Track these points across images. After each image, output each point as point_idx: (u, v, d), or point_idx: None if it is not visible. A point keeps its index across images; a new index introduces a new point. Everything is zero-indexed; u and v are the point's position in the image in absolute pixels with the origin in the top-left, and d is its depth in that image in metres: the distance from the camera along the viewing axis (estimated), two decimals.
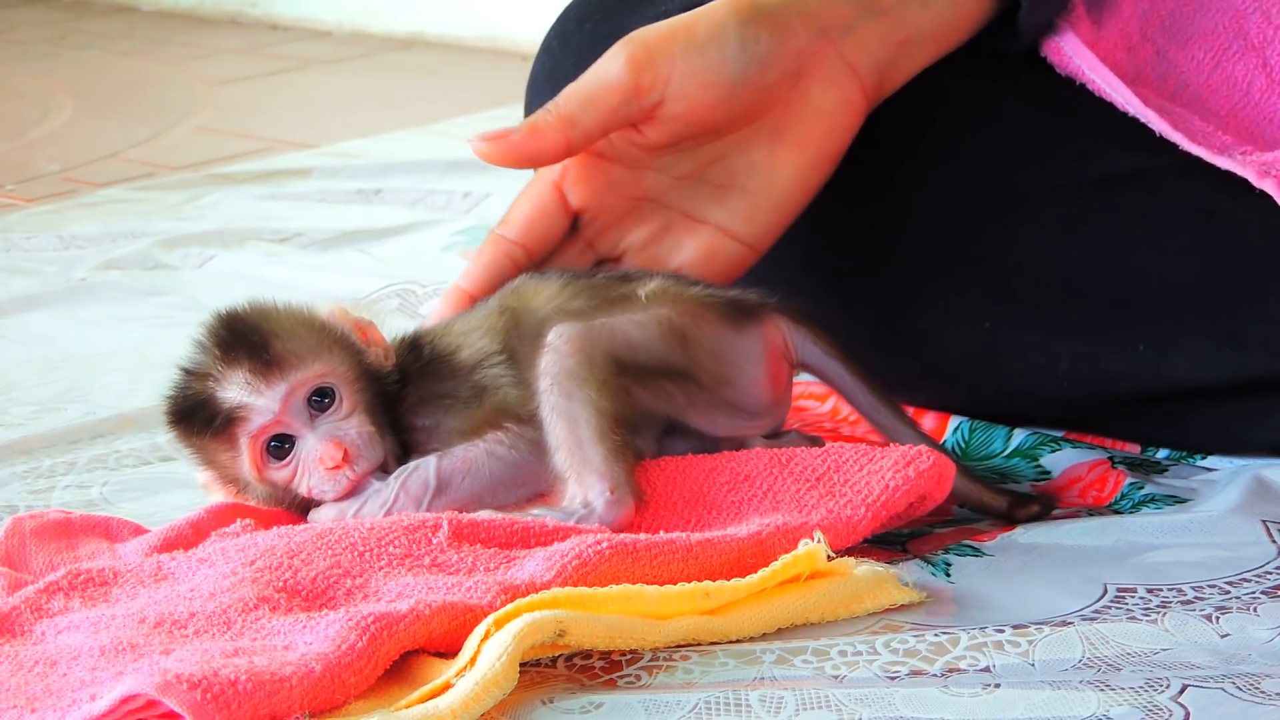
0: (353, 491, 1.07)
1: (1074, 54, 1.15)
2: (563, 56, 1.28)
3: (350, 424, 1.08)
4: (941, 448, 1.10)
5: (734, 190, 1.14)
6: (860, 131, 1.14)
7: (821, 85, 1.12)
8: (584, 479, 1.04)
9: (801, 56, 1.12)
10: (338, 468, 1.07)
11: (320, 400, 1.07)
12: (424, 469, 1.07)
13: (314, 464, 1.07)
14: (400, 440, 1.10)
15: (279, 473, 1.08)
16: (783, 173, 1.13)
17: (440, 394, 1.10)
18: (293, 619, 0.94)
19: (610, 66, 1.10)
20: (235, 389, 1.06)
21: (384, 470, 1.08)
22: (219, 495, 1.11)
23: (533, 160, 1.12)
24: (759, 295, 1.12)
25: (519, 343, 1.10)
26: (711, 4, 1.12)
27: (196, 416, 1.07)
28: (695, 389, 1.08)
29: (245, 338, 1.06)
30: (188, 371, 1.07)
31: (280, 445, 1.07)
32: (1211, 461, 1.17)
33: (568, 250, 1.16)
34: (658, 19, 1.23)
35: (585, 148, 1.12)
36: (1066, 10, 1.16)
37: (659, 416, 1.09)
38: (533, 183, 1.16)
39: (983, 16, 1.15)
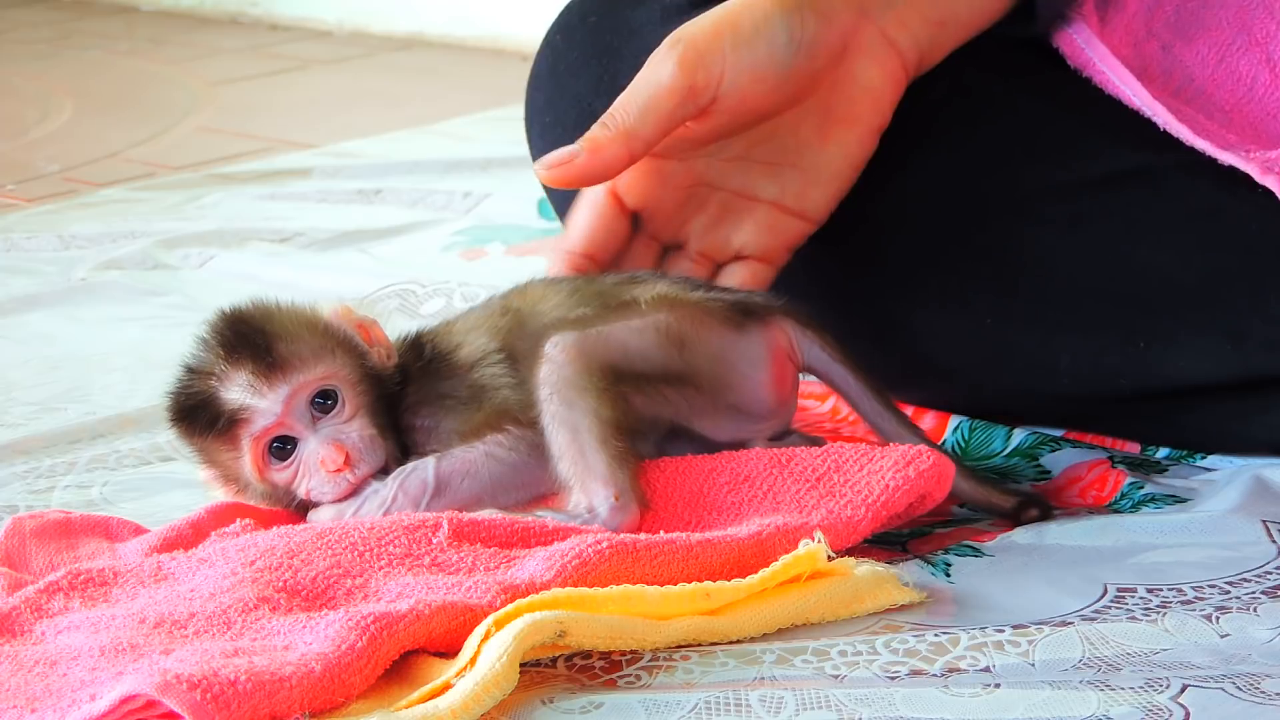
0: (352, 493, 1.07)
1: (1086, 45, 1.15)
2: (566, 51, 1.28)
3: (352, 427, 1.08)
4: (943, 449, 1.10)
5: (785, 167, 1.14)
6: None
7: (865, 62, 1.13)
8: (588, 486, 1.03)
9: (846, 38, 1.12)
10: (339, 470, 1.07)
11: (323, 403, 1.07)
12: (422, 470, 1.07)
13: (315, 466, 1.07)
14: (399, 441, 1.10)
15: (280, 474, 1.08)
16: (833, 149, 1.14)
17: (440, 394, 1.10)
18: (293, 619, 0.94)
19: (661, 71, 1.10)
20: (238, 390, 1.06)
21: (384, 471, 1.08)
22: (220, 492, 1.11)
23: (600, 178, 1.12)
24: (764, 298, 1.12)
25: (521, 345, 1.10)
26: None
27: (199, 416, 1.07)
28: (696, 393, 1.08)
29: (249, 339, 1.06)
30: (191, 370, 1.07)
31: (282, 446, 1.07)
32: (1211, 461, 1.17)
33: (635, 248, 1.16)
34: (662, 12, 1.23)
35: (645, 155, 1.12)
36: (1079, 1, 1.16)
37: (661, 422, 1.09)
38: (587, 193, 1.16)
39: (1010, 2, 1.15)
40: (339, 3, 2.85)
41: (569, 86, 1.26)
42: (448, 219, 1.79)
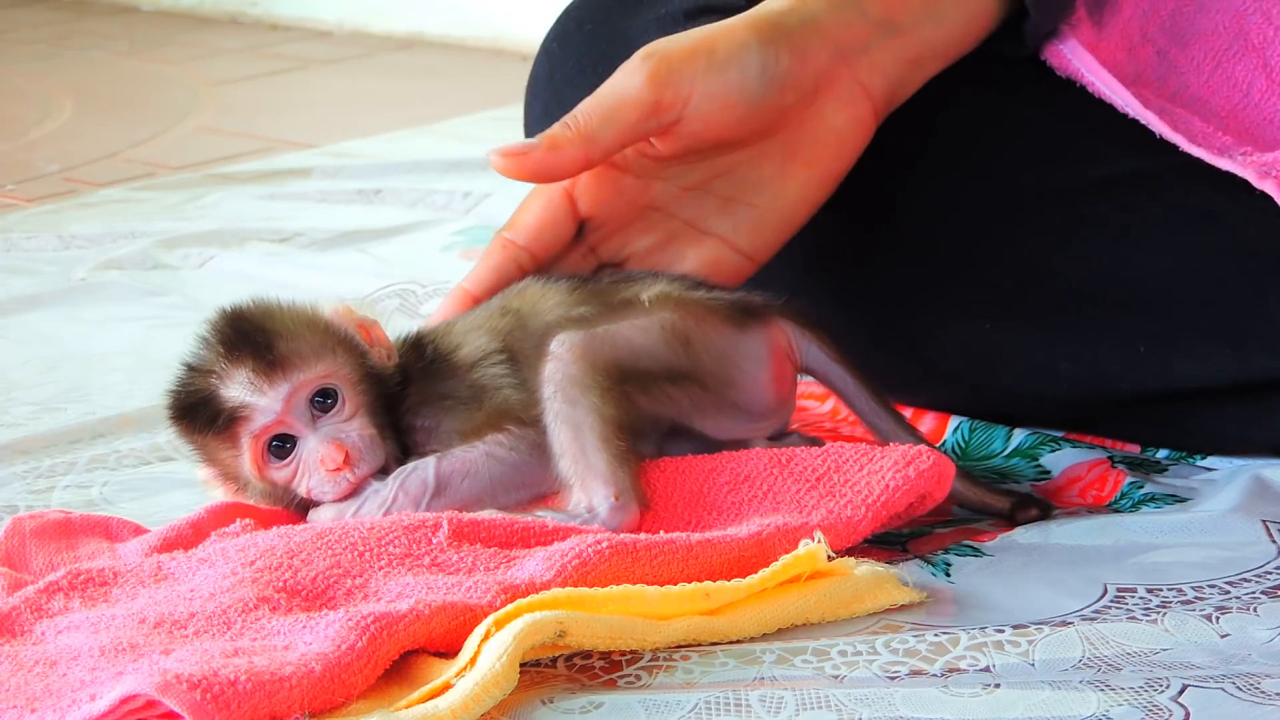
0: (352, 493, 1.07)
1: (1073, 56, 1.15)
2: (562, 58, 1.28)
3: (352, 426, 1.08)
4: (942, 450, 1.10)
5: (740, 204, 1.14)
6: None
7: (834, 105, 1.12)
8: (588, 485, 1.04)
9: (819, 78, 1.12)
10: (338, 470, 1.07)
11: (323, 401, 1.07)
12: (423, 469, 1.07)
13: (315, 465, 1.07)
14: (400, 441, 1.10)
15: (279, 473, 1.08)
16: (790, 189, 1.13)
17: (440, 394, 1.10)
18: (293, 619, 0.94)
19: (631, 82, 1.10)
20: (238, 388, 1.06)
21: (384, 472, 1.08)
22: (219, 491, 1.11)
23: (552, 176, 1.12)
24: (764, 298, 1.12)
25: (522, 345, 1.10)
26: (731, 21, 1.11)
27: (199, 414, 1.07)
28: (700, 392, 1.08)
29: (249, 337, 1.07)
30: (191, 368, 1.07)
31: (282, 445, 1.07)
32: (1211, 461, 1.17)
33: (571, 255, 1.16)
34: (658, 21, 1.23)
35: (603, 162, 1.12)
36: (1069, 17, 1.16)
37: (663, 421, 1.09)
38: (542, 187, 1.16)
39: (990, 27, 1.15)
40: (339, 3, 2.85)
41: (566, 94, 1.26)
42: (448, 219, 1.79)
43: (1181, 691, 0.90)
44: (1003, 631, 0.96)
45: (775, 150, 1.13)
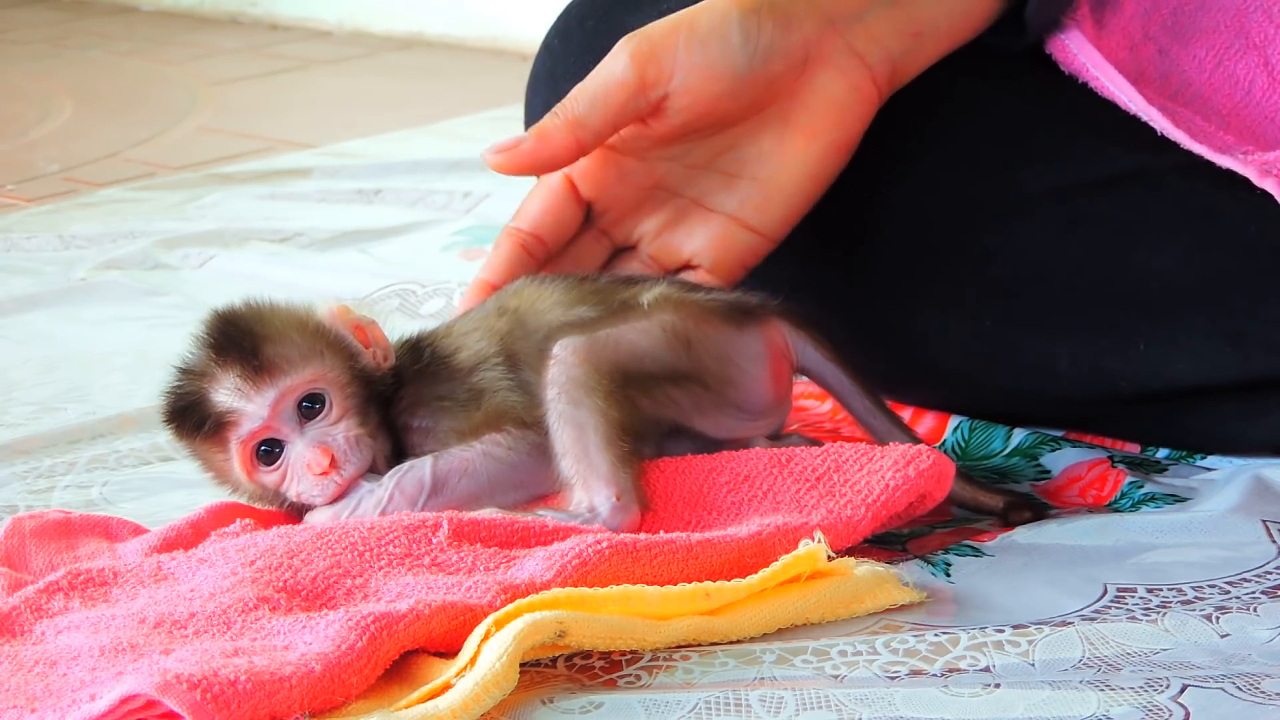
0: (342, 495, 1.07)
1: (1079, 51, 1.15)
2: (564, 54, 1.28)
3: (339, 429, 1.07)
4: (941, 449, 1.10)
5: (744, 179, 1.14)
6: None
7: (829, 74, 1.12)
8: (590, 485, 1.04)
9: (808, 46, 1.12)
10: (325, 473, 1.06)
11: (310, 406, 1.07)
12: (419, 469, 1.07)
13: (301, 470, 1.07)
14: (396, 441, 1.09)
15: (268, 476, 1.08)
16: (792, 162, 1.13)
17: (437, 395, 1.10)
18: (293, 619, 0.94)
19: (614, 64, 1.11)
20: (226, 393, 1.06)
21: (374, 471, 1.08)
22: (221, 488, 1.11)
23: (546, 166, 1.13)
24: (760, 298, 1.12)
25: (520, 346, 1.10)
26: None
27: (189, 417, 1.07)
28: (701, 392, 1.09)
29: (237, 341, 1.06)
30: (183, 371, 1.07)
31: (270, 450, 1.07)
32: (1211, 461, 1.17)
33: (583, 240, 1.17)
34: (660, 17, 1.23)
35: (595, 147, 1.12)
36: (1072, 7, 1.16)
37: (663, 422, 1.09)
38: (546, 177, 1.16)
39: (994, 11, 1.15)
40: (339, 3, 2.85)
41: (567, 90, 1.26)
42: (448, 219, 1.80)
43: (1181, 691, 0.90)
44: (1003, 631, 0.96)
45: (773, 122, 1.13)
